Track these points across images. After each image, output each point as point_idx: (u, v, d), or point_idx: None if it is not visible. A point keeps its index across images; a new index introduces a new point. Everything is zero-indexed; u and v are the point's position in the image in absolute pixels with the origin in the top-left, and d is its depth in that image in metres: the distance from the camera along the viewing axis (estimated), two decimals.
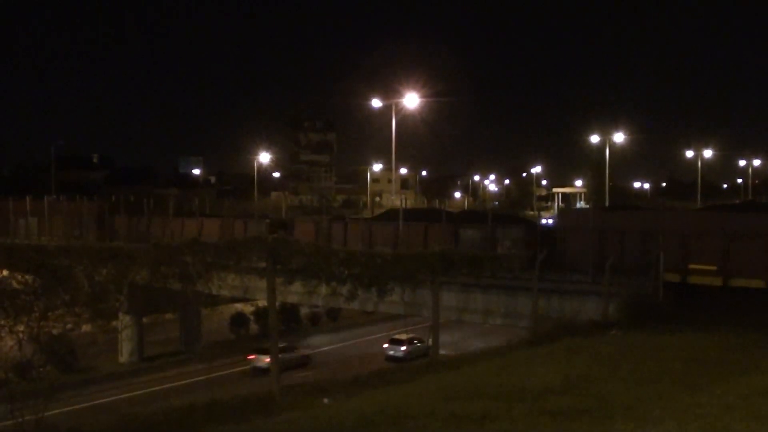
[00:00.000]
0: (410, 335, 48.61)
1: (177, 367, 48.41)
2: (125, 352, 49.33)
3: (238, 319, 56.68)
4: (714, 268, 28.68)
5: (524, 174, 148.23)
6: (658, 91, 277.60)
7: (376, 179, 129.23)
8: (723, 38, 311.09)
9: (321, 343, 54.89)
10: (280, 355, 49.51)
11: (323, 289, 28.26)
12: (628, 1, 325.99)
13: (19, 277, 22.32)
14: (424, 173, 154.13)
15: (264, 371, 41.70)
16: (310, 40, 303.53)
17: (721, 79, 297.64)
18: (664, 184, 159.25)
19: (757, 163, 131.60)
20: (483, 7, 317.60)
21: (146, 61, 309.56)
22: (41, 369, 20.10)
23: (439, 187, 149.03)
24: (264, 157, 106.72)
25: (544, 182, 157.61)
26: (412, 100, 58.26)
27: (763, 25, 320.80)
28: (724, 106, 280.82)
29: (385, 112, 59.46)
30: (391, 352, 48.18)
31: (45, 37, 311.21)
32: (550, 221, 52.34)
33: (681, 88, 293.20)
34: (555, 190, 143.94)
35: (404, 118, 62.55)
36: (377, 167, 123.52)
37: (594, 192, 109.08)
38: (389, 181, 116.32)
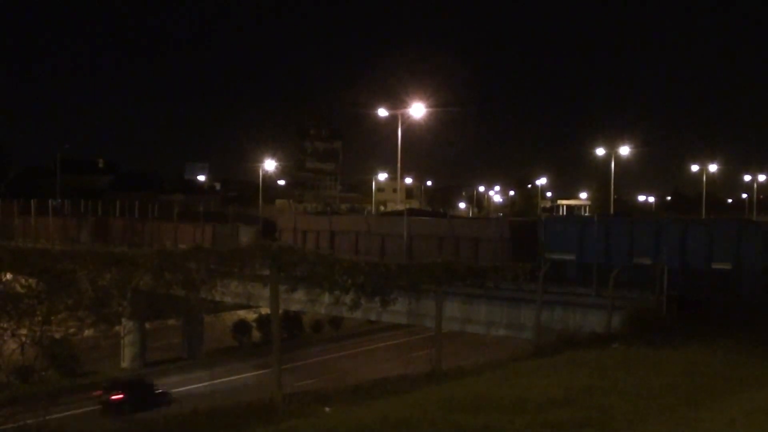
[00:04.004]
0: None
1: (179, 373, 48.44)
2: (128, 357, 49.36)
3: (241, 327, 56.62)
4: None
5: (529, 185, 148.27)
6: (664, 104, 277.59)
7: (381, 188, 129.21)
8: (730, 53, 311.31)
9: None
10: None
11: (326, 298, 28.22)
12: (635, 14, 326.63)
13: (23, 280, 22.31)
14: (429, 183, 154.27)
15: None
16: (317, 48, 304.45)
17: (728, 93, 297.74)
18: (669, 198, 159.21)
19: (762, 178, 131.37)
20: (491, 19, 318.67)
21: (153, 66, 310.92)
22: (43, 373, 20.09)
23: (443, 197, 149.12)
24: (269, 165, 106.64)
25: (549, 194, 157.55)
26: (418, 110, 58.16)
27: None
28: (730, 120, 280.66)
29: (392, 121, 59.38)
30: None
31: (51, 41, 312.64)
32: None
33: (687, 102, 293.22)
34: (559, 201, 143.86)
35: (410, 128, 62.50)
36: (382, 176, 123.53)
37: (599, 205, 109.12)
38: (394, 190, 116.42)
